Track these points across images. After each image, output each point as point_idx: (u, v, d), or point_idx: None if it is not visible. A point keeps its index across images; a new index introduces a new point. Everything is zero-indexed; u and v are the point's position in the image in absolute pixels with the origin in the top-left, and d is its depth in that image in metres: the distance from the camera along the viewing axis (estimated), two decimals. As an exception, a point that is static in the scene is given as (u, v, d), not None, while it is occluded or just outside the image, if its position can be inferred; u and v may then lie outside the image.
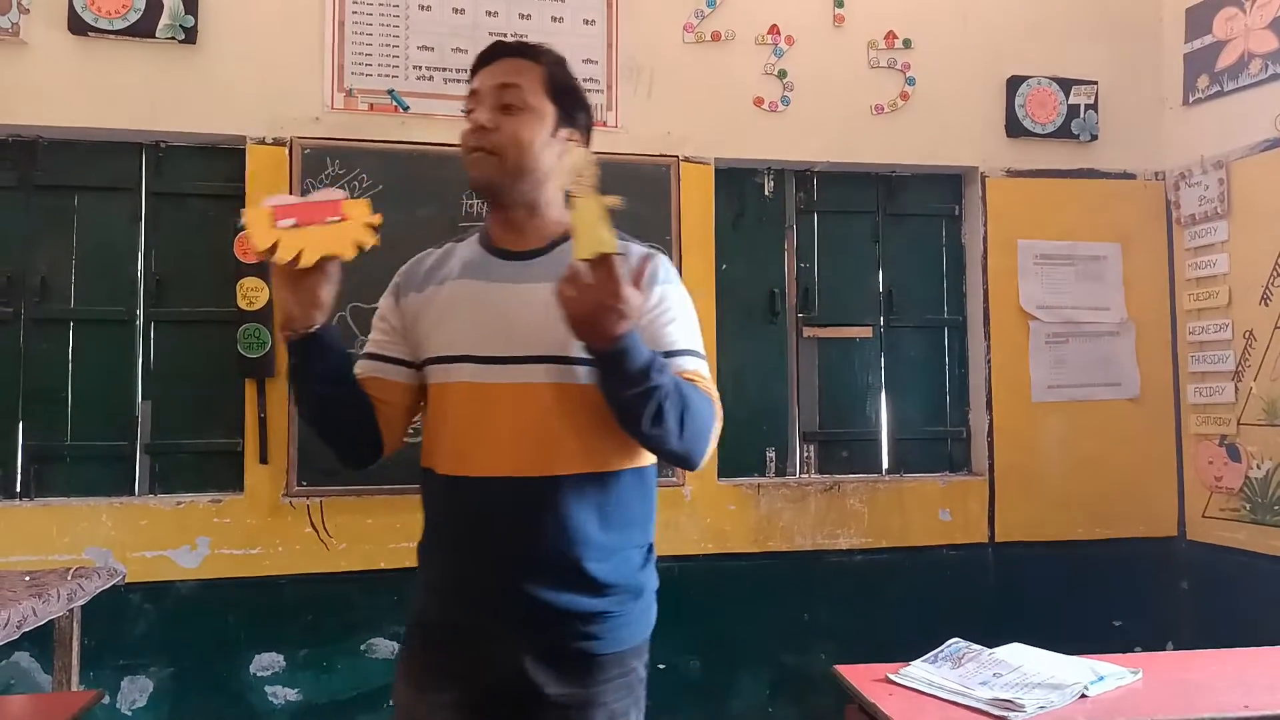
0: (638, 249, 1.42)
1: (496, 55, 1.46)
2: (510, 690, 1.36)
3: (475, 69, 1.47)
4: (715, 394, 1.40)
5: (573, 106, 1.47)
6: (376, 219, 1.29)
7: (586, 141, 1.50)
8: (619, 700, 1.38)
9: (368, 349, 1.50)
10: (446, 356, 1.40)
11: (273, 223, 1.26)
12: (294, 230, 1.26)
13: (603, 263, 1.15)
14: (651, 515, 1.49)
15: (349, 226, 1.27)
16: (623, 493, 1.40)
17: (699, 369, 1.40)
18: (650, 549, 1.48)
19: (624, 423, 1.29)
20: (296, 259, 1.25)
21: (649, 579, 1.47)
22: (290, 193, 2.83)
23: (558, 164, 1.44)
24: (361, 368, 1.48)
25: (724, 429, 3.28)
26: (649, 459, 1.44)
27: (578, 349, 1.28)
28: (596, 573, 1.36)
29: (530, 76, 1.43)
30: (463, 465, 1.38)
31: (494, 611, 1.36)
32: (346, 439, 1.47)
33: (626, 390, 1.23)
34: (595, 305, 1.16)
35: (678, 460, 1.37)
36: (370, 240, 1.28)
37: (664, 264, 1.43)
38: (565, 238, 1.38)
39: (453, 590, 1.41)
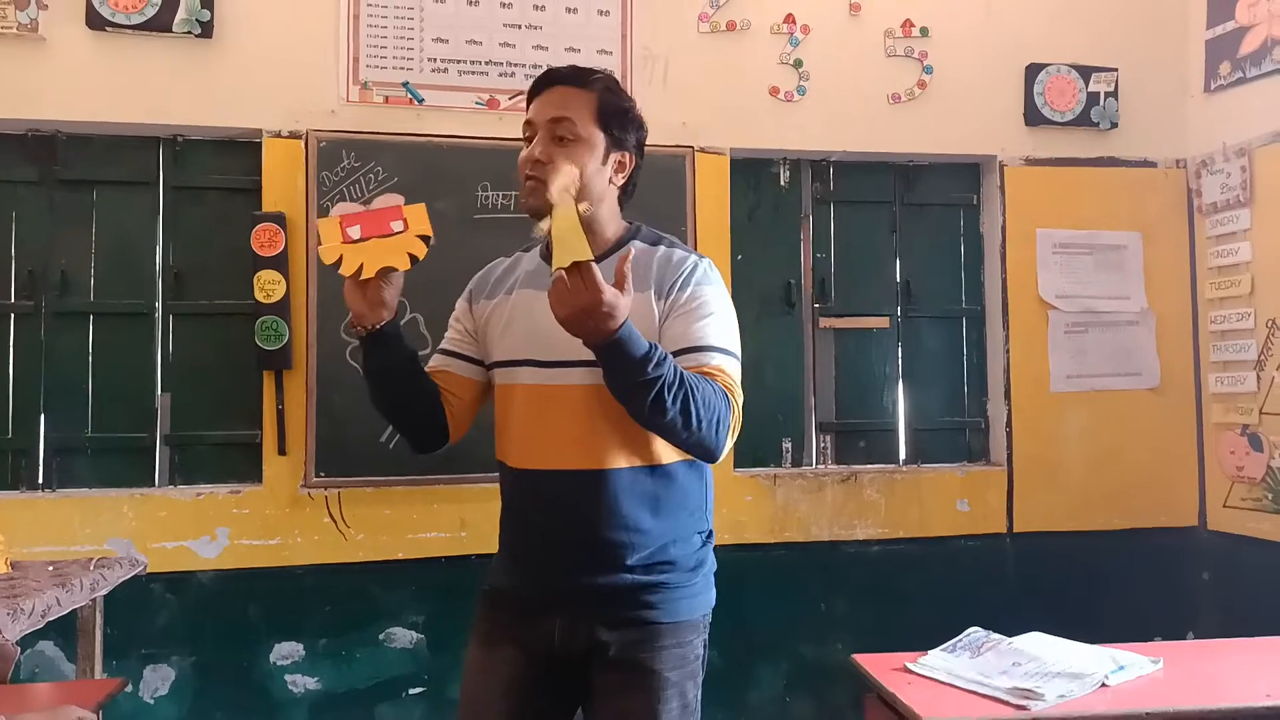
0: (680, 254, 1.54)
1: (550, 83, 1.55)
2: (570, 649, 1.48)
3: (531, 96, 1.57)
4: (736, 391, 1.47)
5: (622, 130, 1.55)
6: (428, 229, 1.44)
7: (639, 156, 1.60)
8: (674, 670, 1.47)
9: (442, 345, 1.67)
10: (509, 361, 1.55)
11: (341, 232, 1.42)
12: (355, 245, 1.42)
13: (579, 270, 1.23)
14: (707, 503, 1.59)
15: (404, 239, 1.42)
16: (675, 483, 1.51)
17: (723, 365, 1.47)
18: (709, 535, 1.59)
19: (630, 413, 1.37)
20: (359, 272, 1.42)
21: (706, 559, 1.57)
22: (307, 184, 2.85)
23: (608, 186, 1.55)
24: (435, 362, 1.65)
25: (740, 420, 3.27)
26: None
27: None
28: (646, 557, 1.47)
29: (581, 106, 1.52)
30: (527, 459, 1.52)
31: (553, 586, 1.50)
32: (414, 425, 1.62)
33: (625, 381, 1.32)
34: (577, 309, 1.25)
35: (694, 450, 1.45)
36: (422, 251, 1.43)
37: (704, 267, 1.53)
38: (616, 249, 1.53)
39: (518, 563, 1.56)
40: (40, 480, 2.84)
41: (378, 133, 2.92)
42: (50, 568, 2.27)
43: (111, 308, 2.90)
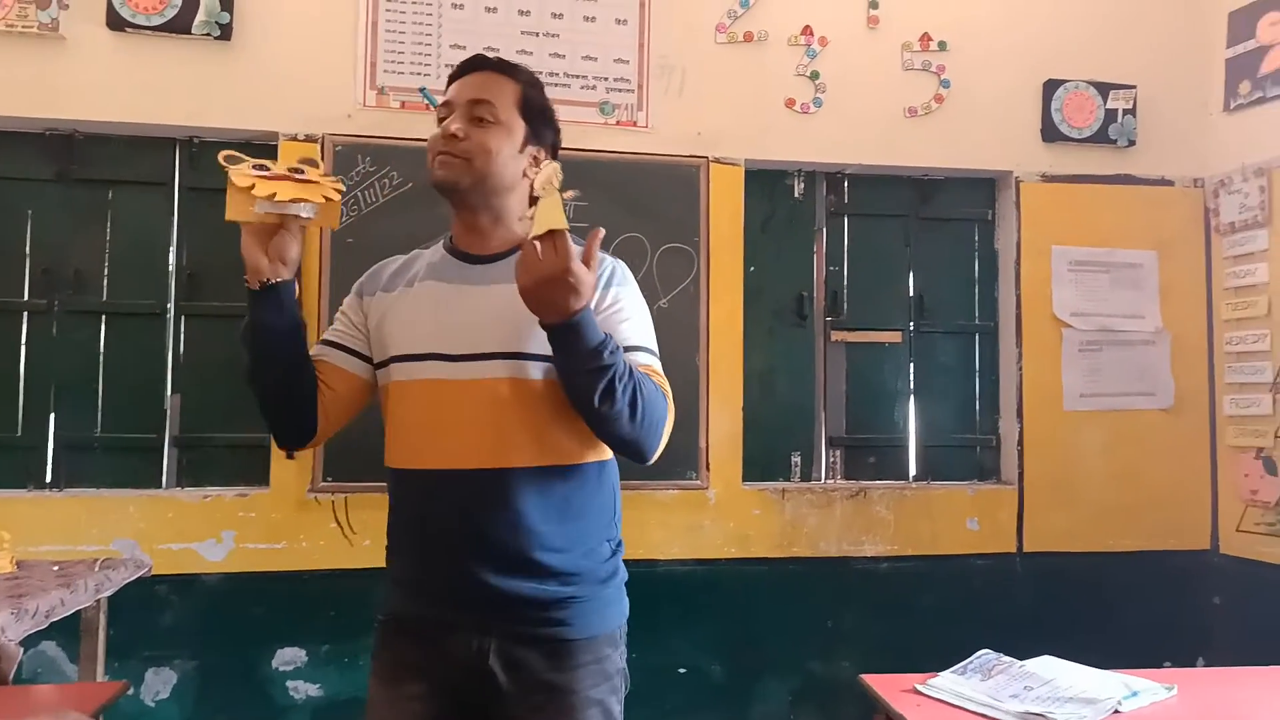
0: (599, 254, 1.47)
1: (473, 68, 1.49)
2: (479, 680, 1.38)
3: (452, 79, 1.50)
4: (668, 390, 1.42)
5: (542, 125, 1.51)
6: (338, 190, 1.42)
7: (554, 158, 1.53)
8: (594, 688, 1.40)
9: (325, 336, 1.55)
10: (411, 355, 1.43)
11: (253, 177, 1.37)
12: (269, 179, 1.37)
13: (552, 237, 1.21)
14: (615, 509, 1.52)
15: (320, 186, 1.39)
16: (582, 486, 1.43)
17: (652, 364, 1.44)
18: (619, 544, 1.52)
19: (575, 401, 1.32)
20: (273, 195, 1.35)
21: (616, 570, 1.50)
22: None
23: (521, 178, 1.48)
24: (316, 350, 1.52)
25: (750, 433, 3.25)
26: (606, 454, 1.48)
27: (534, 346, 1.35)
28: (554, 562, 1.38)
29: (505, 93, 1.46)
30: (416, 459, 1.42)
31: (456, 602, 1.39)
32: (283, 408, 1.49)
33: (579, 366, 1.27)
34: (544, 278, 1.21)
35: (630, 449, 1.38)
36: (337, 196, 1.40)
37: (620, 269, 1.48)
38: None
39: (415, 583, 1.46)
40: (48, 479, 2.84)
41: (394, 137, 2.92)
42: (55, 568, 2.26)
43: (124, 307, 2.91)
